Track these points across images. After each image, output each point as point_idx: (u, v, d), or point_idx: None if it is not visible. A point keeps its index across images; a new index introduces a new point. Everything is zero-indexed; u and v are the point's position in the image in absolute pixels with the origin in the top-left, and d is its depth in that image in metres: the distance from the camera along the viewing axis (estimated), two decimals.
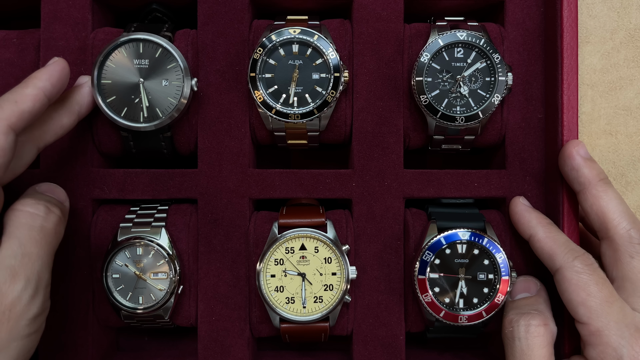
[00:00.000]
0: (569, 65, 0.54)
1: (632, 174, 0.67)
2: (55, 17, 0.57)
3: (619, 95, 0.67)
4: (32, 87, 0.47)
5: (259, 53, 0.54)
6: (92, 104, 0.54)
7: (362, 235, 0.57)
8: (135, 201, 0.59)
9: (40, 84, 0.48)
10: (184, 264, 0.57)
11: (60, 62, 0.50)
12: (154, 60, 0.54)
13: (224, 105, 0.58)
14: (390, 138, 0.58)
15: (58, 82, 0.49)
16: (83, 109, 0.54)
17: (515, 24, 0.58)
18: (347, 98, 0.58)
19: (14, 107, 0.45)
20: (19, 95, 0.46)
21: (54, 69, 0.49)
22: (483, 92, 0.55)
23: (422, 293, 0.53)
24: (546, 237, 0.52)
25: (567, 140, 0.54)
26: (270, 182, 0.58)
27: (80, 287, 0.57)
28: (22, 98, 0.46)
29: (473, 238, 0.53)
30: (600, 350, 0.47)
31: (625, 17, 0.67)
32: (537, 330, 0.49)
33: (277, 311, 0.54)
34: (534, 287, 0.54)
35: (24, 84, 0.48)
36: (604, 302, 0.47)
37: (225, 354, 0.57)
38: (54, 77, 0.49)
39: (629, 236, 0.49)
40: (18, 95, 0.46)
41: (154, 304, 0.54)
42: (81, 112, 0.53)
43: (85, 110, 0.54)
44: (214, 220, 0.57)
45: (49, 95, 0.48)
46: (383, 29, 0.57)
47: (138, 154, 0.58)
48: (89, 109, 0.54)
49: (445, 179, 0.58)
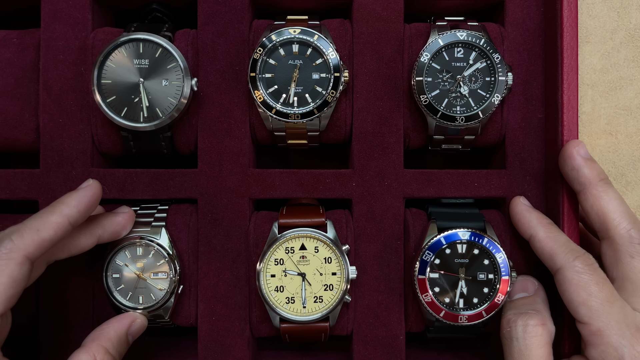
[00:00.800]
0: (569, 65, 0.54)
1: (632, 174, 0.67)
2: (55, 17, 0.57)
3: (619, 95, 0.67)
4: (58, 214, 0.46)
5: (259, 53, 0.54)
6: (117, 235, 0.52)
7: (362, 235, 0.57)
8: (135, 201, 0.59)
9: (67, 211, 0.46)
10: (184, 264, 0.57)
11: (93, 187, 0.49)
12: (154, 60, 0.54)
13: (224, 105, 0.58)
14: (390, 138, 0.58)
15: (86, 209, 0.48)
16: (105, 234, 0.52)
17: (515, 24, 0.58)
18: (347, 98, 0.58)
19: (34, 236, 0.44)
20: (42, 223, 0.45)
21: (85, 195, 0.48)
22: (483, 92, 0.55)
23: (422, 293, 0.53)
24: (547, 237, 0.52)
25: (567, 140, 0.54)
26: (270, 182, 0.58)
27: (80, 287, 0.57)
28: (45, 226, 0.45)
29: (473, 238, 0.53)
30: (602, 350, 0.47)
31: (625, 17, 0.67)
32: (535, 330, 0.49)
33: (277, 311, 0.54)
34: (531, 287, 0.54)
35: (51, 210, 0.46)
36: (604, 302, 0.47)
37: (225, 354, 0.57)
38: (82, 204, 0.48)
39: (629, 236, 0.49)
40: (41, 223, 0.45)
41: (154, 304, 0.54)
42: (102, 237, 0.51)
43: (108, 236, 0.52)
44: (214, 220, 0.57)
45: (73, 223, 0.47)
46: (383, 29, 0.57)
47: (138, 154, 0.58)
48: (112, 238, 0.53)
49: (445, 179, 0.58)
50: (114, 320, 0.51)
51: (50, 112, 0.57)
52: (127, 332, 0.51)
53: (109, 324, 0.51)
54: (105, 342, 0.49)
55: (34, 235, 0.44)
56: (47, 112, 0.57)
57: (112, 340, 0.49)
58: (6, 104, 0.57)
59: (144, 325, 0.53)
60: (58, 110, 0.57)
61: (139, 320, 0.53)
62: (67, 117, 0.57)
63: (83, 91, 0.57)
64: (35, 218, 0.45)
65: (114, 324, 0.51)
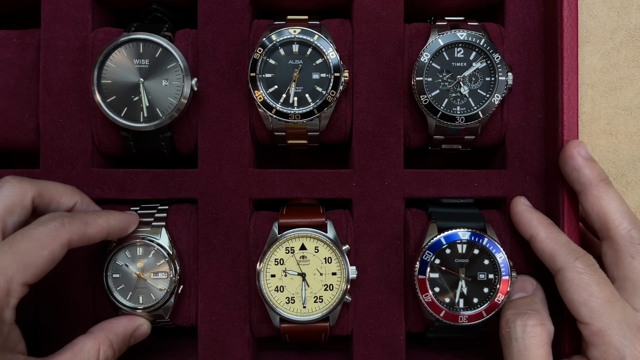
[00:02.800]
0: (569, 65, 0.54)
1: (632, 174, 0.67)
2: (55, 17, 0.57)
3: (619, 95, 0.67)
4: (105, 220, 0.50)
5: (259, 53, 0.54)
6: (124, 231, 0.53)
7: (362, 235, 0.57)
8: (136, 201, 0.59)
9: (113, 223, 0.50)
10: (184, 264, 0.57)
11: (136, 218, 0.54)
12: (154, 60, 0.54)
13: (224, 105, 0.57)
14: (390, 138, 0.58)
15: (124, 231, 0.53)
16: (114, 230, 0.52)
17: (516, 23, 0.58)
18: (347, 98, 0.58)
19: (82, 227, 0.47)
20: (91, 220, 0.48)
21: (129, 220, 0.53)
22: (483, 92, 0.55)
23: (422, 293, 0.53)
24: (547, 237, 0.52)
25: (567, 140, 0.54)
26: (270, 182, 0.58)
27: (80, 287, 0.57)
28: (92, 224, 0.48)
29: (473, 238, 0.53)
30: (603, 350, 0.47)
31: (625, 17, 0.67)
32: (534, 330, 0.49)
33: (277, 311, 0.54)
34: (530, 287, 0.54)
35: (100, 214, 0.50)
36: (605, 302, 0.47)
37: (225, 354, 0.57)
38: (124, 225, 0.52)
39: (630, 236, 0.49)
40: (90, 220, 0.48)
41: (154, 304, 0.54)
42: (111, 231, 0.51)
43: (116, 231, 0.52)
44: (214, 220, 0.57)
45: (109, 236, 0.50)
46: (383, 29, 0.57)
47: (138, 154, 0.58)
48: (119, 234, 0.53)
49: (445, 179, 0.58)
50: (125, 319, 0.53)
51: (50, 112, 0.57)
52: (132, 334, 0.53)
53: (119, 319, 0.52)
54: (112, 335, 0.50)
55: (81, 226, 0.47)
56: (47, 112, 0.57)
57: (118, 336, 0.50)
58: (6, 104, 0.57)
59: (147, 333, 0.54)
60: (58, 110, 0.57)
61: (146, 327, 0.54)
62: (67, 117, 0.57)
63: (83, 91, 0.57)
64: (87, 213, 0.49)
65: (123, 322, 0.52)
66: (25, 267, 0.42)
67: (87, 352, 0.47)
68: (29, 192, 0.47)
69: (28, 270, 0.42)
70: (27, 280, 0.42)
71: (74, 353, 0.46)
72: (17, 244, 0.42)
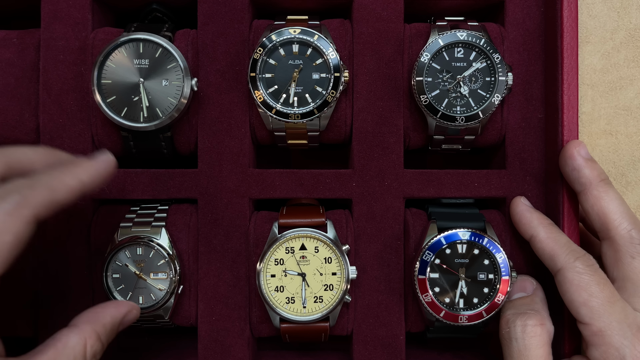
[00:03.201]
0: (569, 65, 0.54)
1: (632, 174, 0.67)
2: (55, 17, 0.57)
3: (619, 95, 0.67)
4: (74, 177, 0.42)
5: (259, 53, 0.54)
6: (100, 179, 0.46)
7: (362, 235, 0.57)
8: (136, 201, 0.59)
9: (84, 177, 0.43)
10: (184, 264, 0.57)
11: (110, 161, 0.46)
12: (154, 60, 0.54)
13: (224, 105, 0.57)
14: (390, 138, 0.58)
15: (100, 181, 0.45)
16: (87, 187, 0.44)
17: (515, 24, 0.58)
18: (347, 98, 0.58)
19: (47, 195, 0.40)
20: (57, 182, 0.41)
21: (102, 167, 0.45)
22: (483, 92, 0.55)
23: (422, 293, 0.53)
24: (547, 237, 0.52)
25: (567, 140, 0.54)
26: (270, 182, 0.58)
27: (80, 287, 0.57)
28: (60, 187, 0.41)
29: (473, 238, 0.53)
30: (603, 350, 0.47)
31: (625, 17, 0.67)
32: (534, 330, 0.49)
33: (277, 311, 0.54)
34: (530, 287, 0.54)
35: (67, 171, 0.42)
36: (605, 302, 0.47)
37: (225, 354, 0.57)
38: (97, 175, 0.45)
39: (630, 237, 0.49)
40: (56, 182, 0.41)
41: (154, 304, 0.54)
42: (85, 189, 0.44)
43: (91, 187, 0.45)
44: (214, 220, 0.57)
45: (85, 191, 0.43)
46: (383, 29, 0.57)
47: (138, 154, 0.58)
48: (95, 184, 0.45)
49: (445, 179, 0.58)
50: (111, 305, 0.47)
51: (50, 112, 0.57)
52: (121, 321, 0.47)
53: (105, 307, 0.47)
54: (100, 327, 0.45)
55: (46, 194, 0.40)
56: (47, 112, 0.57)
57: (106, 327, 0.45)
58: (6, 104, 0.57)
59: (137, 317, 0.49)
60: (58, 110, 0.57)
61: (135, 312, 0.49)
62: (67, 117, 0.57)
63: (83, 91, 0.57)
64: (50, 175, 0.41)
65: (110, 310, 0.47)
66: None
67: (71, 348, 0.42)
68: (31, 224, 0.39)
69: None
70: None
71: (57, 350, 0.41)
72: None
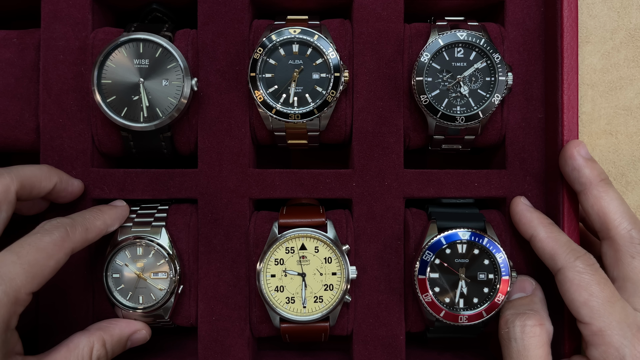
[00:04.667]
0: (569, 65, 0.54)
1: (632, 174, 0.67)
2: (55, 17, 0.57)
3: (619, 95, 0.67)
4: (102, 222, 0.51)
5: (259, 53, 0.54)
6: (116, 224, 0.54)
7: (362, 235, 0.57)
8: (136, 201, 0.59)
9: (109, 222, 0.52)
10: (184, 264, 0.57)
11: (126, 209, 0.55)
12: (154, 60, 0.54)
13: (224, 105, 0.57)
14: (390, 138, 0.58)
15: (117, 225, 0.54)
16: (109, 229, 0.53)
17: (516, 23, 0.58)
18: (347, 98, 0.58)
19: (83, 235, 0.48)
20: (91, 225, 0.49)
21: (121, 213, 0.54)
22: (483, 92, 0.55)
23: (422, 293, 0.53)
24: (547, 237, 0.52)
25: (567, 140, 0.54)
26: (271, 182, 0.58)
27: (80, 287, 0.57)
28: (92, 229, 0.50)
29: (473, 238, 0.53)
30: (603, 350, 0.47)
31: (625, 17, 0.67)
32: (533, 330, 0.49)
33: (277, 311, 0.54)
34: (529, 287, 0.54)
35: (96, 215, 0.51)
36: (606, 302, 0.47)
37: (225, 354, 0.57)
38: (117, 220, 0.54)
39: (630, 236, 0.49)
40: (90, 225, 0.49)
41: (154, 304, 0.54)
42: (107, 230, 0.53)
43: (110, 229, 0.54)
44: (214, 220, 0.57)
45: (106, 234, 0.52)
46: (383, 29, 0.57)
47: (138, 154, 0.58)
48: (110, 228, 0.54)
49: (445, 179, 0.58)
50: (123, 322, 0.54)
51: (50, 112, 0.57)
52: (129, 337, 0.53)
53: (118, 322, 0.53)
54: (107, 336, 0.51)
55: (83, 234, 0.48)
56: (47, 112, 0.57)
57: (113, 337, 0.51)
58: (6, 104, 0.57)
59: (146, 338, 0.55)
60: (58, 110, 0.57)
61: (144, 332, 0.55)
62: (67, 117, 0.57)
63: (83, 91, 0.57)
64: (85, 218, 0.50)
65: (121, 324, 0.53)
66: (34, 278, 0.43)
67: (81, 349, 0.48)
68: (12, 187, 0.47)
69: (35, 280, 0.43)
70: (34, 289, 0.44)
71: (68, 349, 0.47)
72: (25, 255, 0.43)
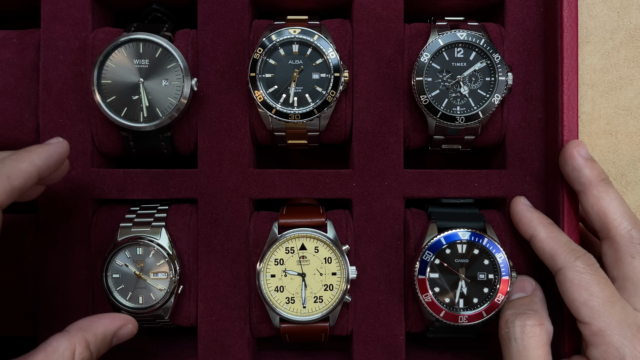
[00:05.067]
0: (569, 65, 0.54)
1: (632, 174, 0.67)
2: (55, 17, 0.57)
3: (619, 95, 0.67)
4: (29, 163, 0.44)
5: (259, 53, 0.54)
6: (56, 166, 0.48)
7: (362, 235, 0.57)
8: (135, 201, 0.59)
9: (38, 162, 0.45)
10: (184, 264, 0.57)
11: (63, 145, 0.49)
12: (154, 60, 0.54)
13: (224, 105, 0.58)
14: (390, 138, 0.58)
15: (55, 164, 0.47)
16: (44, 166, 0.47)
17: (516, 24, 0.58)
18: (347, 98, 0.58)
19: (5, 183, 0.42)
20: (13, 170, 0.43)
21: (56, 150, 0.47)
22: (483, 92, 0.55)
23: (422, 293, 0.53)
24: (547, 237, 0.52)
25: (567, 140, 0.54)
26: (270, 182, 0.58)
27: (80, 287, 0.57)
28: (16, 174, 0.43)
29: (473, 238, 0.53)
30: (603, 350, 0.47)
31: (625, 17, 0.67)
32: (533, 330, 0.48)
33: (277, 311, 0.54)
34: (529, 287, 0.54)
35: (20, 157, 0.44)
36: (606, 302, 0.47)
37: (225, 354, 0.57)
38: (52, 158, 0.47)
39: (630, 236, 0.49)
40: (12, 170, 0.43)
41: (154, 304, 0.54)
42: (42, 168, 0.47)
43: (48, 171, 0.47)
44: (214, 220, 0.57)
45: (41, 175, 0.46)
46: (383, 29, 0.57)
47: (138, 154, 0.58)
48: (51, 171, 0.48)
49: (445, 179, 0.58)
50: (106, 318, 0.49)
51: (50, 112, 0.57)
52: (114, 334, 0.49)
53: (100, 318, 0.49)
54: (90, 336, 0.46)
55: (4, 183, 0.42)
56: (47, 112, 0.57)
57: (97, 337, 0.47)
58: (6, 104, 0.57)
59: (133, 332, 0.50)
60: (58, 110, 0.57)
61: (131, 326, 0.50)
62: (67, 117, 0.57)
63: (83, 91, 0.57)
64: (5, 164, 0.43)
65: (104, 321, 0.48)
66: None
67: (61, 353, 0.43)
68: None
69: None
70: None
71: (46, 354, 0.43)
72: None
